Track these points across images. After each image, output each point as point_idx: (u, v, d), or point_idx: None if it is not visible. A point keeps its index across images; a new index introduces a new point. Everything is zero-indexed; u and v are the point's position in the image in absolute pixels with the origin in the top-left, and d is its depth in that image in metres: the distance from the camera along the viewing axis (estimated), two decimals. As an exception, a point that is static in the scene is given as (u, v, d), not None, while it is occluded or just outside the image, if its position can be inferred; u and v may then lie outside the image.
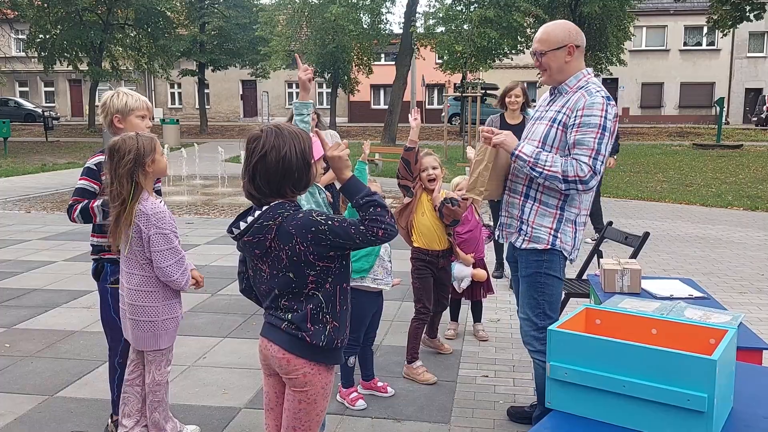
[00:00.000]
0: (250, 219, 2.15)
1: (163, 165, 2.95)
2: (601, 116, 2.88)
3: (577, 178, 2.87)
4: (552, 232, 3.04)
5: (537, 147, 3.02)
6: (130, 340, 3.04)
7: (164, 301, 2.97)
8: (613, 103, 2.96)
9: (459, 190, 4.29)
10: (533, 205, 3.07)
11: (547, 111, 3.09)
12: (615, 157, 8.38)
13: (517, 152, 3.02)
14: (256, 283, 2.25)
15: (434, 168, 4.01)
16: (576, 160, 2.88)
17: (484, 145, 3.14)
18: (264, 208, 2.15)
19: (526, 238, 3.10)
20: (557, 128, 2.99)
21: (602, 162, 2.90)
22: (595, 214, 7.79)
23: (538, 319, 3.12)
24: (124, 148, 2.80)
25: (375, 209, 2.10)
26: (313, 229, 2.07)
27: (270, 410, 2.36)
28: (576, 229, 3.08)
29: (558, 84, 3.06)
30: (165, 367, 3.08)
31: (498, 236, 3.32)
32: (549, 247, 3.05)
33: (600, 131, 2.88)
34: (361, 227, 2.08)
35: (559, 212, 3.03)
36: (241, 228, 2.16)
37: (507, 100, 5.80)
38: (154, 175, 2.94)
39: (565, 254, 3.08)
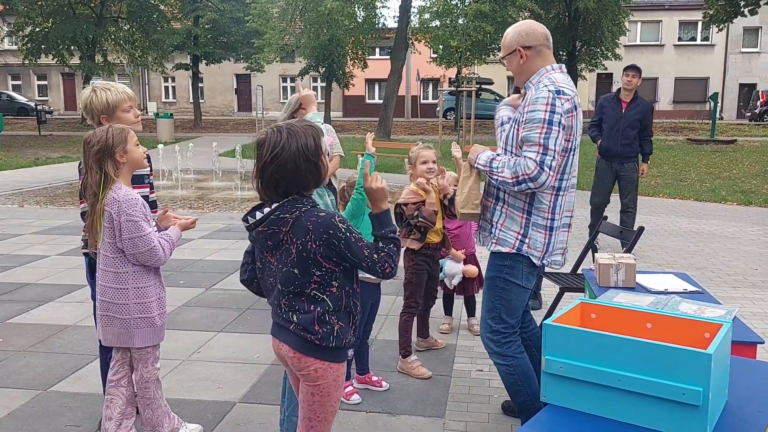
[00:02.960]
0: (266, 210, 2.17)
1: (138, 155, 2.91)
2: (546, 110, 2.80)
3: (525, 177, 2.81)
4: (519, 237, 3.00)
5: (499, 151, 3.04)
6: (101, 338, 3.01)
7: (136, 299, 2.91)
8: (567, 96, 2.84)
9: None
10: (503, 207, 3.05)
11: (516, 111, 3.08)
12: (647, 162, 7.47)
13: (475, 164, 3.06)
14: (264, 276, 2.28)
15: (433, 161, 4.02)
16: (524, 157, 2.84)
17: (468, 162, 3.15)
18: (282, 201, 2.17)
19: (493, 240, 3.08)
20: (514, 127, 2.98)
21: (554, 157, 2.81)
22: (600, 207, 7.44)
23: (494, 323, 3.12)
24: (93, 139, 2.83)
25: (394, 247, 2.20)
26: (331, 231, 2.11)
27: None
28: (549, 234, 2.99)
29: (524, 84, 3.05)
30: (153, 365, 3.03)
31: (477, 240, 3.31)
32: (514, 251, 3.00)
33: (545, 126, 2.79)
34: (375, 255, 2.15)
35: (525, 216, 2.98)
36: (257, 218, 2.18)
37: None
38: (130, 167, 2.92)
39: (534, 260, 3.01)
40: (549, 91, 2.84)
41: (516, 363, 3.12)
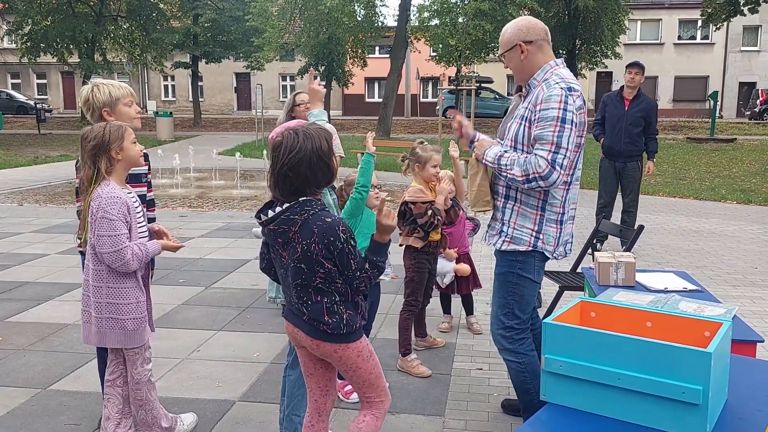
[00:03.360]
0: (277, 209, 2.32)
1: (134, 154, 2.89)
2: (559, 108, 2.79)
3: (536, 175, 2.81)
4: (534, 234, 2.99)
5: (508, 147, 3.02)
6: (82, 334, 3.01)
7: (108, 299, 2.85)
8: (578, 93, 2.85)
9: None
10: (514, 205, 3.03)
11: (520, 108, 3.05)
12: (653, 160, 7.36)
13: (482, 160, 3.04)
14: (278, 266, 2.45)
15: (439, 165, 4.03)
16: (535, 155, 2.83)
17: (475, 157, 3.13)
18: (292, 202, 2.30)
19: (506, 239, 3.05)
20: (525, 125, 2.95)
21: (566, 156, 2.80)
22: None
23: (506, 319, 3.11)
24: (90, 135, 2.81)
25: (376, 272, 2.37)
26: (332, 238, 2.26)
27: (310, 376, 2.59)
28: (560, 228, 3.00)
29: (526, 81, 3.03)
30: (142, 366, 3.00)
31: (484, 239, 3.29)
32: (530, 248, 3.00)
33: (558, 124, 2.79)
34: (358, 273, 2.32)
35: (540, 213, 2.97)
36: (269, 216, 2.33)
37: None
38: (125, 165, 2.89)
39: (547, 254, 3.01)
40: (561, 88, 2.83)
41: (527, 361, 3.11)
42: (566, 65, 3.05)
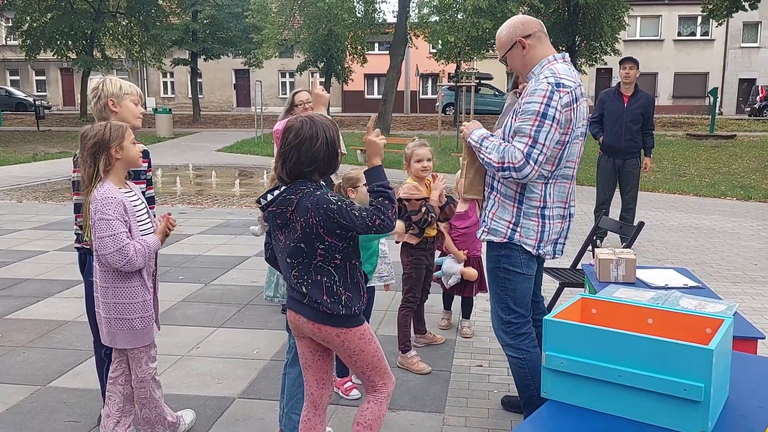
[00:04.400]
0: (276, 192, 2.43)
1: (134, 154, 2.88)
2: (542, 103, 2.77)
3: (510, 165, 2.80)
4: (511, 226, 2.97)
5: (495, 134, 3.01)
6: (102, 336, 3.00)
7: (115, 299, 2.84)
8: (567, 90, 2.81)
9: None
10: (495, 196, 3.03)
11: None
12: (650, 156, 7.33)
13: (468, 140, 3.04)
14: (279, 252, 2.51)
15: (428, 159, 4.00)
16: (513, 146, 2.82)
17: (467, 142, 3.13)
18: (289, 185, 2.41)
19: (485, 229, 3.06)
20: (513, 117, 2.96)
21: (542, 152, 2.78)
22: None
23: (504, 314, 3.10)
24: (90, 133, 2.80)
25: (383, 200, 2.32)
26: (325, 206, 2.32)
27: (308, 368, 2.62)
28: (543, 222, 2.96)
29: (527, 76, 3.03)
30: (147, 364, 2.99)
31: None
32: (506, 240, 2.98)
33: (538, 119, 2.77)
34: (363, 213, 2.30)
35: (516, 205, 2.96)
36: (269, 199, 2.44)
37: None
38: (124, 164, 2.88)
39: (527, 248, 2.98)
40: (548, 83, 2.81)
41: (528, 357, 3.09)
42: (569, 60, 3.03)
